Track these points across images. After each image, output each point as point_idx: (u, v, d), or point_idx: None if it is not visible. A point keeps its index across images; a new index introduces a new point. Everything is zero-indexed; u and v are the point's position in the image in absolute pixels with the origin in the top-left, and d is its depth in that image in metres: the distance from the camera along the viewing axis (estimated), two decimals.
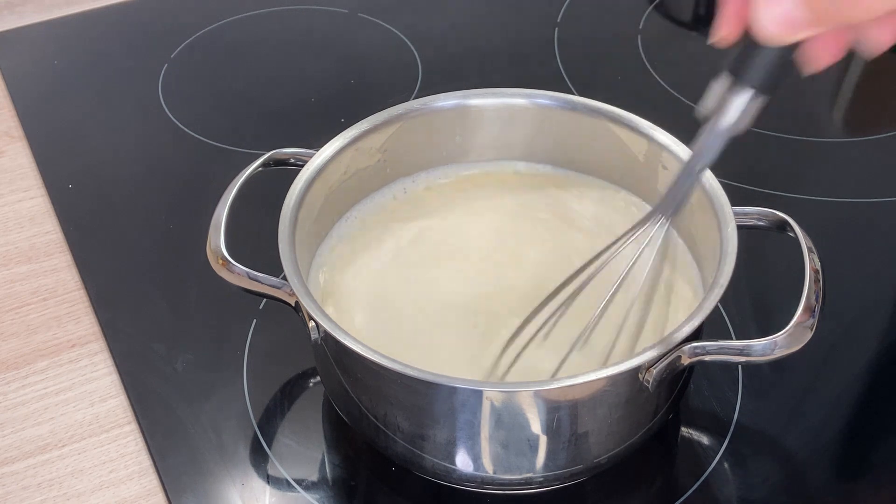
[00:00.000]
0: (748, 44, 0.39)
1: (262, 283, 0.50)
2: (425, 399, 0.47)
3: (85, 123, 0.79)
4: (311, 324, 0.48)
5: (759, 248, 0.60)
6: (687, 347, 0.45)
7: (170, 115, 0.79)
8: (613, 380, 0.45)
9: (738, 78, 0.41)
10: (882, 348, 0.60)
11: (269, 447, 0.55)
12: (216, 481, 0.54)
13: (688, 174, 0.46)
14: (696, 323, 0.45)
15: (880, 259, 0.66)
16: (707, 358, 0.46)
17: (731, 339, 0.57)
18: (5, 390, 0.59)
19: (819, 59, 0.39)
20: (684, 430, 0.56)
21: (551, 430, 0.47)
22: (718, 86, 0.42)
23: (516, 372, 0.50)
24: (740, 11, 0.39)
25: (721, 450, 0.54)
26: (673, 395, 0.51)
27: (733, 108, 0.41)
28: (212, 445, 0.55)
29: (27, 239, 0.69)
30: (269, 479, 0.54)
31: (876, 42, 0.38)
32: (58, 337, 0.62)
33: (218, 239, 0.51)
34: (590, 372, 0.44)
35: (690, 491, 0.53)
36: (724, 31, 0.40)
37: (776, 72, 0.40)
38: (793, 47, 0.38)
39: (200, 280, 0.63)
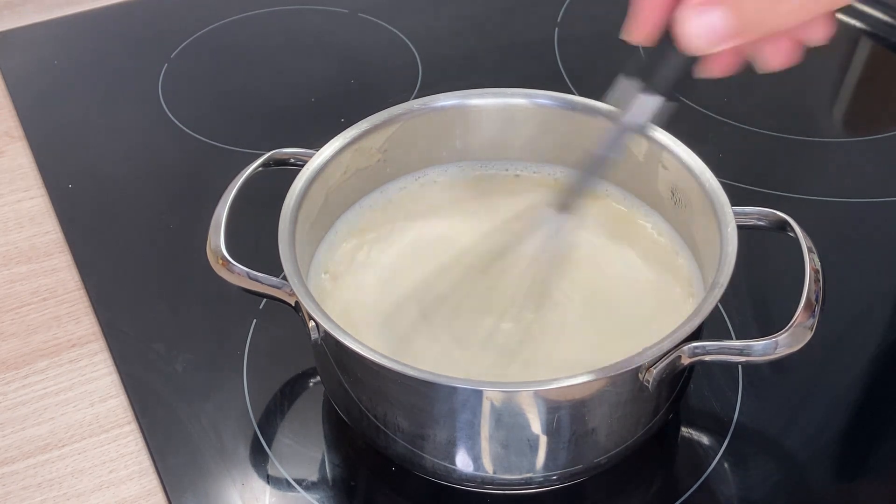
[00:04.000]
0: (661, 50, 0.40)
1: (261, 283, 0.50)
2: (425, 399, 0.47)
3: (85, 123, 0.79)
4: (311, 324, 0.48)
5: (759, 248, 0.59)
6: (687, 347, 0.45)
7: (170, 115, 0.79)
8: (613, 380, 0.45)
9: (647, 82, 0.42)
10: (882, 348, 0.60)
11: (269, 447, 0.55)
12: (216, 481, 0.54)
13: (590, 168, 0.47)
14: (696, 323, 0.45)
15: (880, 259, 0.66)
16: (707, 358, 0.46)
17: (732, 339, 0.57)
18: (5, 390, 0.59)
19: (716, 69, 0.40)
20: (684, 430, 0.56)
21: (551, 429, 0.47)
22: (625, 84, 0.43)
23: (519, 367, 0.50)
24: (657, 15, 0.39)
25: (721, 450, 0.54)
26: (673, 395, 0.51)
27: (637, 108, 0.43)
28: (212, 445, 0.55)
29: (27, 239, 0.69)
30: (269, 479, 0.54)
31: (770, 61, 0.39)
32: (58, 337, 0.62)
33: (218, 239, 0.51)
34: (590, 372, 0.44)
35: (690, 491, 0.53)
36: (638, 34, 0.40)
37: (680, 77, 0.41)
38: (696, 61, 0.39)
39: (200, 280, 0.63)
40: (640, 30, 0.40)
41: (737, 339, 0.54)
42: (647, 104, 0.43)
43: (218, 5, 0.90)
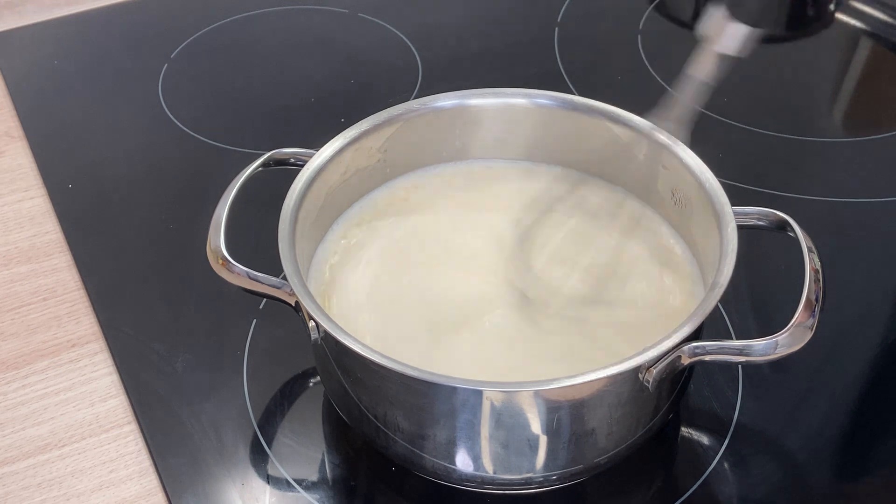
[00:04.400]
0: None
1: (262, 282, 0.50)
2: (425, 399, 0.47)
3: (85, 123, 0.79)
4: (311, 323, 0.48)
5: (760, 248, 0.59)
6: (687, 347, 0.45)
7: (170, 115, 0.79)
8: (613, 379, 0.45)
9: (735, 10, 0.43)
10: (882, 348, 0.60)
11: (269, 447, 0.55)
12: (216, 481, 0.54)
13: (688, 93, 0.49)
14: (695, 323, 0.45)
15: (880, 259, 0.66)
16: (707, 358, 0.46)
17: (732, 339, 0.57)
18: (5, 390, 0.59)
19: None
20: (684, 430, 0.56)
21: (551, 429, 0.47)
22: (715, 13, 0.44)
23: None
24: None
25: (721, 450, 0.54)
26: (673, 395, 0.51)
27: (728, 35, 0.45)
28: (212, 445, 0.55)
29: (27, 239, 0.69)
30: (269, 479, 0.54)
31: None
32: (58, 337, 0.62)
33: (218, 239, 0.51)
34: (590, 372, 0.44)
35: (691, 491, 0.53)
36: None
37: (765, 4, 0.42)
38: None
39: (200, 280, 0.63)
40: None
41: (737, 339, 0.54)
42: (737, 31, 0.44)
43: (218, 5, 0.90)
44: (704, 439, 0.55)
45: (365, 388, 0.49)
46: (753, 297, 0.62)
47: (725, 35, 0.45)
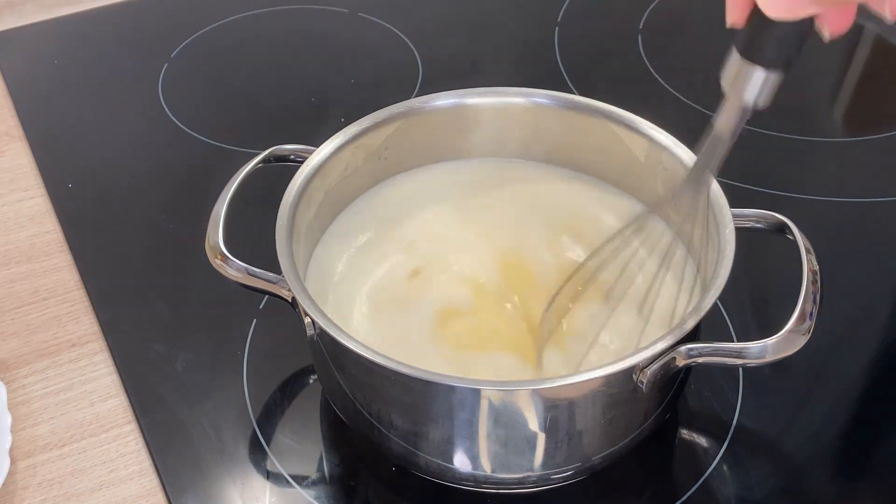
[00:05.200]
0: (758, 22, 0.39)
1: (259, 278, 0.50)
2: (420, 397, 0.47)
3: (85, 123, 0.79)
4: (307, 320, 0.48)
5: (761, 249, 0.59)
6: (682, 349, 0.45)
7: (170, 115, 0.79)
8: (607, 380, 0.45)
9: (750, 56, 0.40)
10: (882, 348, 0.60)
11: (269, 446, 0.55)
12: (216, 480, 0.54)
13: (713, 152, 0.45)
14: (690, 324, 0.45)
15: (880, 259, 0.66)
16: (701, 360, 0.46)
17: (733, 340, 0.57)
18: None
19: (831, 28, 0.39)
20: (685, 431, 0.56)
21: (546, 428, 0.47)
22: (734, 63, 0.41)
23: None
24: None
25: (721, 450, 0.54)
26: (668, 397, 0.51)
27: (750, 85, 0.41)
28: (212, 445, 0.55)
29: (27, 239, 0.69)
30: (269, 478, 0.54)
31: (833, 27, 0.38)
32: (58, 337, 0.62)
33: (216, 234, 0.51)
34: (584, 372, 0.44)
35: (691, 491, 0.53)
36: (734, 16, 0.40)
37: (788, 47, 0.40)
38: (802, 22, 0.38)
39: (200, 280, 0.63)
40: (737, 13, 0.40)
41: (738, 340, 0.54)
42: (763, 80, 0.41)
43: (218, 5, 0.90)
44: (705, 440, 0.55)
45: (360, 385, 0.49)
46: (755, 298, 0.62)
47: (751, 85, 0.41)
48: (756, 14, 0.39)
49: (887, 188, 0.70)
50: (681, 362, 0.46)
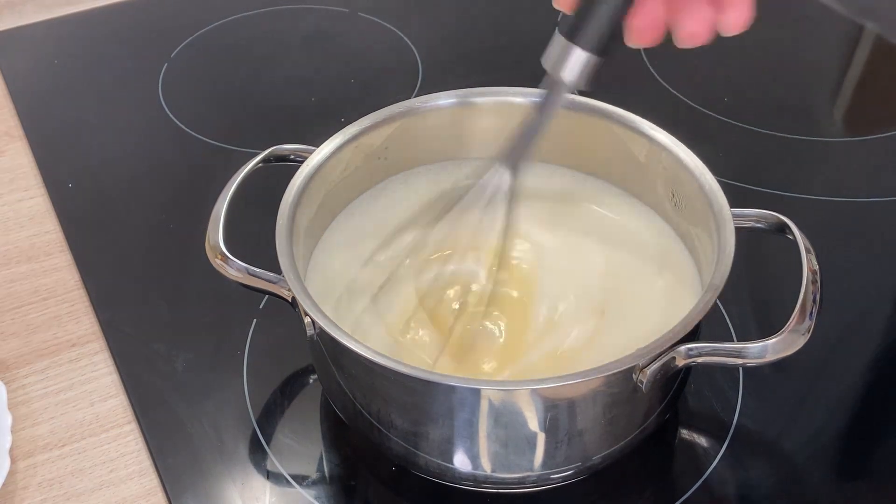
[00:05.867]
0: (583, 6, 0.43)
1: (259, 278, 0.50)
2: (420, 397, 0.47)
3: (85, 123, 0.79)
4: (307, 320, 0.48)
5: (762, 248, 0.60)
6: (682, 349, 0.45)
7: (170, 115, 0.79)
8: (607, 380, 0.45)
9: (573, 38, 0.44)
10: (882, 348, 0.60)
11: (269, 446, 0.55)
12: (216, 480, 0.54)
13: (532, 127, 0.48)
14: (690, 324, 0.45)
15: (880, 259, 0.66)
16: (701, 360, 0.46)
17: (733, 340, 0.57)
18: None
19: (642, 34, 0.43)
20: (685, 431, 0.56)
21: (546, 428, 0.47)
22: (557, 44, 0.44)
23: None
24: None
25: (721, 450, 0.54)
26: (668, 397, 0.51)
27: (569, 65, 0.45)
28: (212, 445, 0.55)
29: (27, 238, 0.69)
30: (269, 478, 0.54)
31: (686, 31, 0.41)
32: (58, 337, 0.62)
33: (216, 234, 0.51)
34: (583, 371, 0.44)
35: (691, 491, 0.53)
36: (561, 1, 0.43)
37: (607, 35, 0.44)
38: (623, 13, 0.42)
39: (200, 280, 0.63)
40: None
41: (738, 340, 0.54)
42: (582, 61, 0.45)
43: (218, 5, 0.90)
44: (705, 440, 0.55)
45: (359, 385, 0.49)
46: (756, 298, 0.62)
47: (570, 65, 0.45)
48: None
49: (887, 188, 0.70)
50: (681, 362, 0.46)
